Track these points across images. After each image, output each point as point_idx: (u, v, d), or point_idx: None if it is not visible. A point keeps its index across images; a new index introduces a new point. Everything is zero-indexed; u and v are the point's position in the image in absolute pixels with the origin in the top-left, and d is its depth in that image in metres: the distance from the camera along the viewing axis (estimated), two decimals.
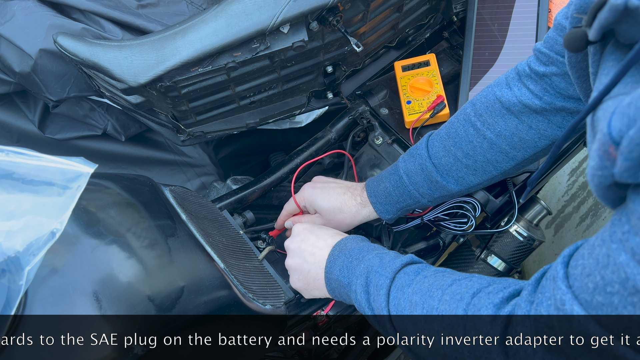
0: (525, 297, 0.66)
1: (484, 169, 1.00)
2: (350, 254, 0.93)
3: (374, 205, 1.08)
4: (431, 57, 1.33)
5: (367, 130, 1.33)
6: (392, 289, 0.83)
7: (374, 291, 0.86)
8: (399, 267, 0.85)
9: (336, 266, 0.93)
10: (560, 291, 0.60)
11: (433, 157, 1.02)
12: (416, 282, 0.82)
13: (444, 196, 1.05)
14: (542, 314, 0.62)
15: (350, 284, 0.90)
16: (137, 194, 0.91)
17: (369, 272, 0.88)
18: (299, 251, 1.00)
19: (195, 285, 0.84)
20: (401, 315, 0.81)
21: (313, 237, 1.00)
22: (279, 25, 1.02)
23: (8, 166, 0.73)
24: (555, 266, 0.63)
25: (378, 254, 0.91)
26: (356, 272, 0.90)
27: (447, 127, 1.03)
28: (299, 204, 1.15)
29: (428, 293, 0.79)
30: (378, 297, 0.85)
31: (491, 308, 0.71)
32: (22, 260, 0.68)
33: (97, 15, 1.22)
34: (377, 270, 0.87)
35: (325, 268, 0.95)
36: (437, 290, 0.78)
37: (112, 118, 1.36)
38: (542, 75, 0.90)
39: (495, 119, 0.96)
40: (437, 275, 0.82)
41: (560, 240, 1.91)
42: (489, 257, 1.28)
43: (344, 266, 0.92)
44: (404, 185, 1.04)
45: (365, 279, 0.88)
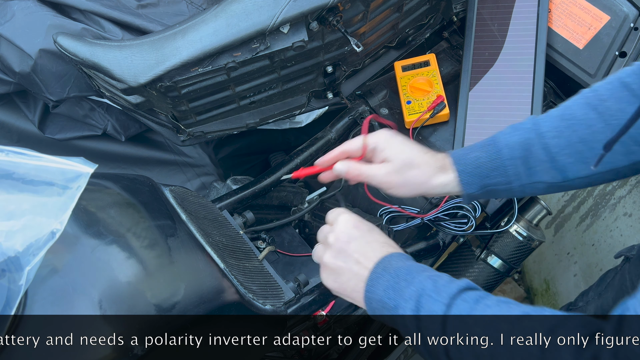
0: (610, 337, 0.63)
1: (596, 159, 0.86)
2: (396, 273, 0.82)
3: (460, 173, 0.93)
4: (431, 57, 1.33)
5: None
6: (449, 316, 0.75)
7: (426, 318, 0.77)
8: (456, 292, 0.77)
9: (380, 285, 0.83)
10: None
11: (542, 134, 0.90)
12: (477, 311, 0.74)
13: (534, 185, 0.92)
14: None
15: (397, 307, 0.80)
16: (137, 194, 0.91)
17: (420, 296, 0.78)
18: (342, 253, 0.87)
19: (195, 285, 0.84)
20: (459, 347, 0.74)
21: (362, 242, 0.87)
22: (279, 25, 1.02)
23: (8, 166, 0.73)
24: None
25: (430, 276, 0.81)
26: (405, 294, 0.80)
27: (560, 109, 0.91)
28: (368, 145, 0.97)
29: (493, 325, 0.72)
30: (431, 325, 0.77)
31: (572, 349, 0.65)
32: (22, 260, 0.68)
33: (97, 15, 1.22)
34: (430, 294, 0.78)
35: (366, 286, 0.84)
36: (504, 324, 0.72)
37: (112, 118, 1.36)
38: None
39: (621, 104, 0.85)
40: (501, 305, 0.74)
41: (560, 240, 1.91)
42: (489, 257, 1.28)
43: (390, 287, 0.82)
44: (500, 158, 0.91)
45: (415, 302, 0.78)
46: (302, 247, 1.28)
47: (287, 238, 1.30)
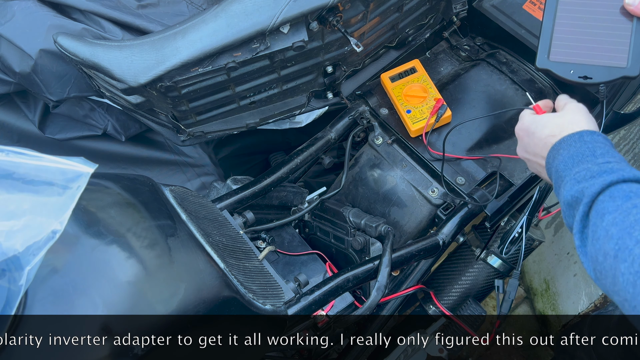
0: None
1: None
2: (582, 148, 0.86)
3: None
4: (416, 63, 1.32)
5: (367, 130, 1.33)
6: (593, 210, 0.78)
7: (576, 200, 0.81)
8: (613, 181, 0.78)
9: (560, 156, 0.88)
10: None
11: None
12: (621, 211, 0.75)
13: None
14: None
15: (564, 177, 0.85)
16: (137, 194, 0.91)
17: (584, 178, 0.82)
18: (551, 117, 0.94)
19: (195, 285, 0.84)
20: (594, 241, 0.76)
21: (581, 116, 0.92)
22: (279, 26, 1.02)
23: (8, 166, 0.73)
24: None
25: (604, 161, 0.83)
26: (573, 170, 0.84)
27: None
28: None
29: (629, 229, 0.73)
30: (577, 210, 0.80)
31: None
32: (22, 260, 0.68)
33: (97, 15, 1.22)
34: (592, 176, 0.81)
35: (548, 153, 0.91)
36: (639, 229, 0.72)
37: (112, 118, 1.36)
38: None
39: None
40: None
41: (560, 240, 1.91)
42: (489, 257, 1.28)
43: (570, 157, 0.86)
44: None
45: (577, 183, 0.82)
46: (302, 247, 1.28)
47: (287, 238, 1.30)
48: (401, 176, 1.27)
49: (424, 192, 1.24)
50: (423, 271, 1.23)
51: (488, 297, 1.52)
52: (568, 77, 0.99)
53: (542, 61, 1.01)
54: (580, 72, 0.99)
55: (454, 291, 1.29)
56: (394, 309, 1.24)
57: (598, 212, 0.78)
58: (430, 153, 1.24)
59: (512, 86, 1.31)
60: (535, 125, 0.96)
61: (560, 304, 1.90)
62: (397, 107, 1.29)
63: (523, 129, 1.00)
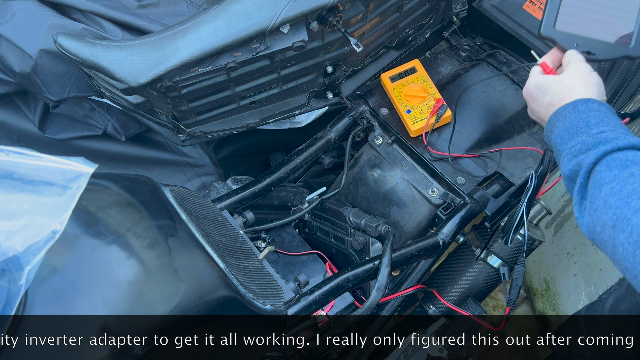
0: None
1: None
2: (576, 120, 0.86)
3: None
4: (416, 63, 1.32)
5: (367, 130, 1.33)
6: (591, 181, 0.78)
7: (575, 173, 0.81)
8: (608, 150, 0.78)
9: (557, 129, 0.88)
10: None
11: None
12: (618, 180, 0.75)
13: None
14: None
15: (562, 151, 0.86)
16: (137, 194, 0.91)
17: (580, 151, 0.81)
18: (552, 83, 0.93)
19: (195, 285, 0.84)
20: (592, 212, 0.76)
21: (580, 81, 0.90)
22: (279, 26, 1.02)
23: (8, 166, 0.73)
24: None
25: (597, 132, 0.82)
26: (569, 144, 0.84)
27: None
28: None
29: (626, 199, 0.72)
30: (577, 178, 0.80)
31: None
32: (22, 260, 0.68)
33: (97, 15, 1.22)
34: (588, 149, 0.80)
35: (547, 124, 0.91)
36: (637, 199, 0.72)
37: (112, 118, 1.36)
38: None
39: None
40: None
41: (560, 240, 1.91)
42: (489, 257, 1.28)
43: (565, 129, 0.86)
44: None
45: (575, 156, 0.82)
46: (302, 247, 1.28)
47: (287, 238, 1.30)
48: (401, 176, 1.27)
49: (424, 192, 1.24)
50: (423, 271, 1.23)
51: (488, 297, 1.52)
52: (571, 49, 0.96)
53: (547, 29, 0.98)
54: (584, 46, 0.96)
55: (454, 291, 1.29)
56: (394, 309, 1.24)
57: (596, 182, 0.78)
58: (431, 153, 1.24)
59: (512, 86, 1.31)
60: (538, 90, 0.95)
61: (560, 304, 1.90)
62: (397, 107, 1.29)
63: (528, 93, 0.99)
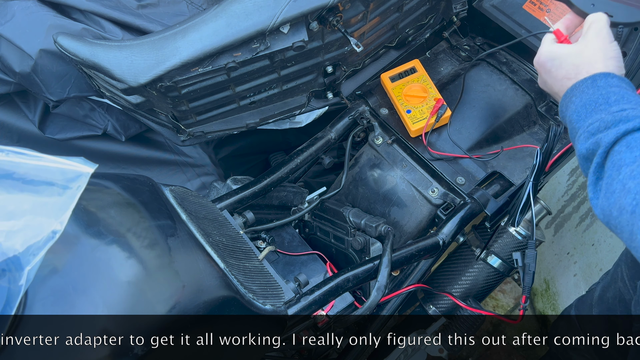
0: None
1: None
2: (594, 96, 0.81)
3: None
4: (416, 63, 1.32)
5: (367, 130, 1.33)
6: (608, 161, 0.74)
7: (591, 153, 0.77)
8: (629, 129, 0.74)
9: (573, 104, 0.83)
10: None
11: None
12: (639, 162, 0.71)
13: None
14: None
15: (578, 129, 0.81)
16: (137, 194, 0.91)
17: (598, 129, 0.77)
18: (568, 55, 0.87)
19: (195, 285, 0.84)
20: (609, 194, 0.73)
21: (599, 53, 0.85)
22: (279, 26, 1.02)
23: (8, 166, 0.73)
24: None
25: (618, 109, 0.77)
26: (586, 121, 0.79)
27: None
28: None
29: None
30: (592, 162, 0.76)
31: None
32: (22, 260, 0.68)
33: (97, 15, 1.22)
34: (607, 127, 0.76)
35: (562, 99, 0.86)
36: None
37: (112, 118, 1.36)
38: None
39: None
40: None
41: (560, 240, 1.91)
42: (489, 257, 1.27)
43: (582, 106, 0.81)
44: None
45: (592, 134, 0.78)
46: (302, 247, 1.28)
47: (287, 238, 1.30)
48: (401, 176, 1.27)
49: (424, 192, 1.24)
50: (423, 271, 1.23)
51: (488, 297, 1.52)
52: (587, 10, 0.90)
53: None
54: (601, 7, 0.90)
55: (454, 291, 1.29)
56: (394, 309, 1.24)
57: (614, 163, 0.74)
58: (430, 153, 1.24)
59: (512, 86, 1.31)
60: (552, 62, 0.90)
61: (560, 304, 1.90)
62: (397, 107, 1.29)
63: (540, 63, 0.93)
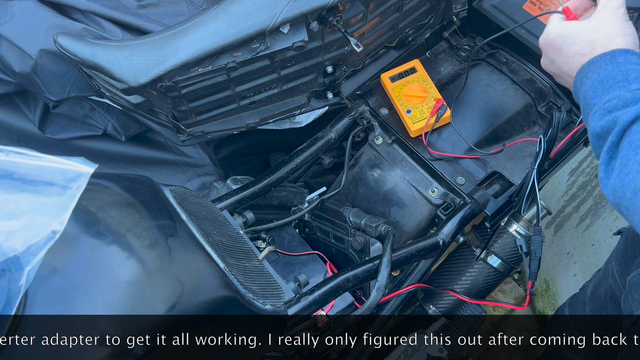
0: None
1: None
2: (613, 72, 0.77)
3: None
4: (416, 63, 1.32)
5: (367, 130, 1.33)
6: (625, 140, 0.71)
7: (606, 131, 0.74)
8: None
9: (589, 80, 0.79)
10: None
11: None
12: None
13: None
14: None
15: (593, 105, 0.77)
16: (137, 194, 0.91)
17: (616, 107, 0.74)
18: (582, 32, 0.83)
19: (195, 285, 0.84)
20: (622, 175, 0.70)
21: (618, 29, 0.81)
22: (279, 26, 1.02)
23: (8, 166, 0.73)
24: None
25: (637, 87, 0.74)
26: (603, 98, 0.76)
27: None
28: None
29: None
30: (606, 140, 0.73)
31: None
32: (22, 260, 0.68)
33: (97, 15, 1.22)
34: (625, 105, 0.72)
35: (576, 75, 0.82)
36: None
37: (112, 118, 1.36)
38: None
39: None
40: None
41: (560, 240, 1.91)
42: (489, 257, 1.27)
43: (599, 82, 0.77)
44: None
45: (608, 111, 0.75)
46: (302, 247, 1.28)
47: (287, 238, 1.30)
48: (401, 176, 1.27)
49: (424, 192, 1.24)
50: (423, 271, 1.23)
51: (488, 297, 1.52)
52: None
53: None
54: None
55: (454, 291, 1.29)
56: (394, 309, 1.24)
57: (631, 143, 0.70)
58: (430, 153, 1.24)
59: (512, 86, 1.31)
60: (562, 40, 0.85)
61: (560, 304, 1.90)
62: (397, 107, 1.29)
63: (548, 43, 0.88)
